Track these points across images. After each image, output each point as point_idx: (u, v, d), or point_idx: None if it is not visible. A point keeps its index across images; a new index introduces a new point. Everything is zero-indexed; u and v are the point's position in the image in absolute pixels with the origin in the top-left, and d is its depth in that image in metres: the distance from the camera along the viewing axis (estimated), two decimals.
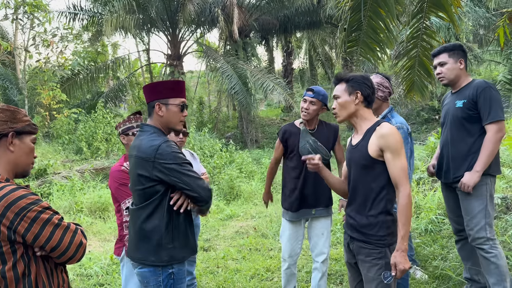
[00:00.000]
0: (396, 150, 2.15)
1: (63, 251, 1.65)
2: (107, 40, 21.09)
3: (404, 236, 2.12)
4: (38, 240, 1.60)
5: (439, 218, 4.81)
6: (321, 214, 3.36)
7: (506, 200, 4.40)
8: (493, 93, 2.90)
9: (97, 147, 11.29)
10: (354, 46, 5.24)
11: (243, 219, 7.32)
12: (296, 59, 27.96)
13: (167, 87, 2.35)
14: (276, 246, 5.40)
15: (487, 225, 2.91)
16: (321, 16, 17.42)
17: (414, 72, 5.28)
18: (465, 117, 2.97)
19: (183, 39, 17.72)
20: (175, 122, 2.36)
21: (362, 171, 2.28)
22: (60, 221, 1.67)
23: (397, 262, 2.11)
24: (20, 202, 1.56)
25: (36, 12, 10.65)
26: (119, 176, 2.90)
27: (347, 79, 2.32)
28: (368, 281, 2.24)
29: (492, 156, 2.87)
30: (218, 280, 4.32)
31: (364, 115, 2.31)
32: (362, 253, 2.28)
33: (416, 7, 4.98)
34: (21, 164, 1.72)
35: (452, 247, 4.17)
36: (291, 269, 3.50)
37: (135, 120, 3.06)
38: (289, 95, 15.75)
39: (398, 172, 2.15)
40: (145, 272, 2.28)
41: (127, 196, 2.84)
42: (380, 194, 2.23)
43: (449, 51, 3.08)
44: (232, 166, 10.69)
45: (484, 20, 14.76)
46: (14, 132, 1.68)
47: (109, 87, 18.82)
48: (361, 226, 2.28)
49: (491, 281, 2.91)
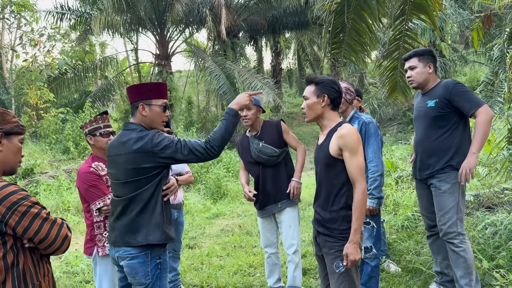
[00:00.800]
0: (353, 149, 2.30)
1: (50, 243, 1.77)
2: (95, 40, 21.08)
3: (357, 229, 2.27)
4: (28, 233, 1.71)
5: (416, 215, 4.99)
6: (286, 205, 3.60)
7: (479, 197, 4.59)
8: (464, 87, 3.07)
9: (84, 147, 11.32)
10: (338, 48, 5.34)
11: (229, 217, 7.45)
12: (285, 59, 28.14)
13: (150, 88, 2.51)
14: (260, 244, 5.53)
15: (458, 220, 3.06)
16: (309, 17, 17.59)
17: (397, 73, 5.39)
18: (437, 116, 3.13)
19: (171, 39, 17.75)
20: (158, 122, 2.52)
21: (325, 169, 2.43)
22: (48, 215, 1.78)
23: (349, 253, 2.27)
24: (12, 197, 1.68)
25: (23, 11, 10.64)
26: (88, 177, 2.91)
27: (317, 82, 2.46)
28: (332, 272, 2.39)
29: (485, 137, 3.00)
30: (202, 276, 4.44)
31: (330, 117, 2.46)
32: (326, 246, 2.42)
33: (398, 10, 5.11)
34: (9, 163, 1.83)
35: (425, 242, 4.33)
36: (272, 258, 3.74)
37: (102, 120, 3.09)
38: (277, 95, 15.88)
39: (354, 169, 2.30)
40: (134, 264, 2.41)
41: (96, 198, 2.87)
42: (341, 191, 2.38)
43: (419, 56, 3.24)
44: (220, 165, 10.80)
45: (468, 22, 15.04)
46: (3, 133, 1.78)
47: (97, 86, 18.79)
48: (325, 220, 2.42)
49: (458, 274, 3.06)
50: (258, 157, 3.55)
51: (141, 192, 2.40)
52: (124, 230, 2.47)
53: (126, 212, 2.46)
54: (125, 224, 2.46)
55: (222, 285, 4.18)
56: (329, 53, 5.51)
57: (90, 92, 17.42)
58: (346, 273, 2.33)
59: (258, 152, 3.54)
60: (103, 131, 3.04)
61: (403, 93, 5.64)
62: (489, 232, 3.81)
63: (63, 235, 1.82)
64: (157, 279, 2.45)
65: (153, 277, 2.43)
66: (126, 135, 2.45)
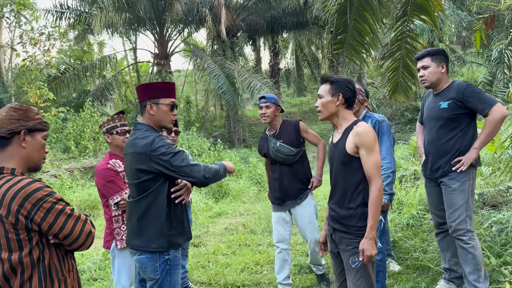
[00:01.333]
0: (370, 147, 2.33)
1: (75, 239, 1.80)
2: (93, 39, 21.02)
3: (373, 225, 2.31)
4: (53, 229, 1.74)
5: (420, 213, 5.04)
6: (305, 202, 3.73)
7: (483, 196, 4.64)
8: (475, 88, 3.12)
9: (85, 146, 11.32)
10: (340, 48, 5.37)
11: (231, 216, 7.48)
12: (283, 59, 28.18)
13: (158, 88, 2.55)
14: (265, 242, 5.57)
15: (468, 217, 3.11)
16: (308, 17, 17.64)
17: (399, 74, 5.42)
18: (450, 117, 3.17)
19: (170, 38, 17.77)
20: (166, 121, 2.56)
21: (341, 167, 2.46)
22: (72, 211, 1.81)
23: (365, 248, 2.30)
24: (37, 194, 1.70)
25: (23, 10, 10.62)
26: (106, 173, 3.05)
27: (332, 81, 2.50)
28: (349, 268, 2.42)
29: (491, 135, 3.07)
30: (210, 274, 4.47)
31: (344, 116, 2.49)
32: (343, 243, 2.46)
33: (400, 11, 5.14)
34: (33, 159, 1.85)
35: (431, 240, 4.39)
36: (283, 254, 3.80)
37: (118, 119, 3.22)
38: (276, 95, 15.93)
39: (371, 167, 2.33)
40: (143, 259, 2.46)
41: (114, 193, 3.01)
42: (358, 188, 2.41)
43: (432, 55, 3.27)
44: None
45: (466, 22, 15.14)
46: (26, 129, 1.80)
47: (95, 86, 18.75)
48: (342, 217, 2.45)
49: (467, 270, 3.11)
50: (276, 156, 3.66)
51: (142, 198, 2.43)
52: (129, 231, 2.54)
53: (131, 215, 2.52)
54: (130, 226, 2.53)
55: (230, 282, 4.21)
56: (330, 53, 5.55)
57: (88, 92, 17.40)
58: (363, 269, 2.37)
59: (275, 151, 3.65)
60: (120, 130, 3.17)
61: (404, 94, 5.67)
62: (495, 230, 3.86)
63: (87, 231, 1.84)
64: (166, 275, 2.48)
65: (162, 273, 2.46)
66: (133, 134, 2.51)
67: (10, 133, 1.77)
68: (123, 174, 3.10)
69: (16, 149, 1.80)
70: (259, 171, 10.94)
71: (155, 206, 2.43)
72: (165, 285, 2.47)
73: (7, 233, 1.68)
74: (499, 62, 13.34)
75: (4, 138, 1.77)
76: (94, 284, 4.44)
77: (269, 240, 5.62)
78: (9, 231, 1.68)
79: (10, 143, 1.78)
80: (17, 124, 1.79)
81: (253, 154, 14.19)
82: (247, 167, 11.47)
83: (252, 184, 10.14)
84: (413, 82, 5.55)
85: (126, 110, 19.58)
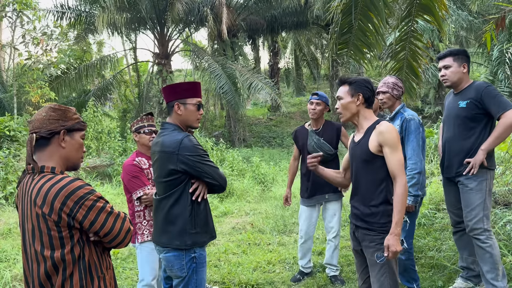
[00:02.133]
0: (393, 145, 2.37)
1: (115, 236, 1.83)
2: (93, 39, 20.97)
3: (398, 221, 2.35)
4: (94, 226, 1.76)
5: (431, 212, 5.07)
6: (333, 198, 3.99)
7: (495, 195, 4.67)
8: (494, 90, 3.15)
9: (88, 146, 11.29)
10: (344, 48, 5.40)
11: (237, 215, 7.48)
12: (282, 59, 28.21)
13: (185, 88, 2.58)
14: (275, 241, 5.58)
15: (485, 217, 3.13)
16: (308, 17, 17.67)
17: (403, 74, 5.44)
18: (468, 116, 3.20)
19: (171, 38, 17.74)
20: (193, 120, 2.59)
21: (363, 166, 2.50)
22: (112, 209, 1.83)
23: (390, 244, 2.33)
24: (79, 192, 1.72)
25: (26, 9, 10.58)
26: (131, 169, 3.20)
27: (350, 82, 2.54)
28: (372, 264, 2.46)
29: (500, 139, 3.10)
30: (223, 273, 4.48)
31: (365, 115, 2.54)
32: (366, 240, 2.49)
33: (405, 11, 5.16)
34: (72, 159, 1.88)
35: (444, 239, 4.42)
36: (307, 243, 4.12)
37: (146, 120, 3.38)
38: (277, 95, 15.94)
39: (395, 164, 2.37)
40: (170, 257, 2.49)
41: (137, 187, 3.15)
42: (381, 186, 2.45)
43: (454, 55, 3.29)
44: (224, 164, 10.82)
45: (466, 22, 15.20)
46: (65, 130, 1.83)
47: (95, 86, 18.70)
48: (365, 215, 2.49)
49: (485, 269, 3.14)
50: (314, 151, 3.80)
51: (167, 196, 2.46)
52: (155, 229, 2.58)
53: (157, 213, 2.56)
54: (156, 223, 2.56)
55: (244, 281, 4.22)
56: (335, 53, 5.56)
57: (89, 91, 17.36)
58: (387, 265, 2.39)
59: (316, 146, 3.81)
60: (147, 129, 3.32)
61: (409, 94, 5.70)
62: (509, 228, 3.89)
63: (126, 228, 1.87)
64: (193, 273, 2.50)
65: (189, 271, 2.48)
66: (161, 133, 2.54)
67: (50, 133, 1.79)
68: (147, 171, 3.24)
69: (56, 149, 1.82)
70: (262, 170, 10.95)
71: (180, 204, 2.46)
72: (192, 283, 2.49)
73: (49, 231, 1.70)
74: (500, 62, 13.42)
75: (44, 138, 1.79)
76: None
77: (278, 240, 5.63)
78: (52, 229, 1.70)
79: (50, 143, 1.81)
80: (57, 124, 1.81)
81: (254, 154, 14.19)
82: (249, 167, 11.47)
83: (255, 184, 10.14)
84: (416, 82, 5.58)
85: (126, 110, 19.54)
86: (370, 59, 5.65)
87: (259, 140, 19.47)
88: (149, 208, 3.22)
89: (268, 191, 9.79)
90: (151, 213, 3.10)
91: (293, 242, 5.45)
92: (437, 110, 17.55)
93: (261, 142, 19.12)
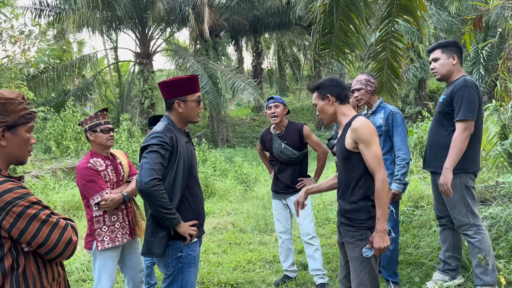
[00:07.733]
0: (367, 141, 2.35)
1: (51, 248, 1.59)
2: (72, 38, 20.63)
3: (381, 217, 2.33)
4: (24, 236, 1.54)
5: (410, 210, 5.10)
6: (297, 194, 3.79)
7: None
8: (467, 93, 3.02)
9: (66, 146, 11.09)
10: (326, 48, 5.41)
11: (219, 215, 7.43)
12: (265, 60, 28.25)
13: (184, 84, 2.49)
14: (256, 240, 5.55)
15: (469, 212, 3.12)
16: (291, 17, 17.72)
17: (383, 74, 5.46)
18: (442, 112, 3.19)
19: (152, 37, 17.58)
20: (194, 116, 2.55)
21: (343, 163, 2.51)
22: (48, 217, 1.59)
23: (374, 241, 2.34)
24: (6, 196, 1.50)
25: (3, 7, 10.34)
26: (86, 173, 2.92)
27: (316, 87, 2.58)
28: (352, 259, 2.47)
29: (459, 153, 3.01)
30: (202, 273, 4.43)
31: (343, 112, 2.54)
32: (347, 235, 2.50)
33: (385, 12, 5.20)
34: (14, 156, 1.66)
35: (422, 236, 4.45)
36: (286, 244, 4.00)
37: (102, 117, 3.08)
38: (260, 95, 15.94)
39: (372, 160, 2.35)
40: None
41: (94, 193, 2.89)
42: (359, 182, 2.44)
43: (442, 47, 3.23)
44: (207, 164, 10.76)
45: (446, 23, 15.45)
46: (5, 127, 1.59)
47: (75, 85, 18.40)
48: (345, 211, 2.51)
49: (474, 263, 3.13)
50: (279, 156, 3.81)
51: None
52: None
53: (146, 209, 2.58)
54: None
55: (224, 281, 4.18)
56: (316, 54, 5.57)
57: (68, 91, 17.08)
58: (366, 261, 2.39)
59: (279, 152, 3.79)
60: (104, 127, 3.04)
61: (389, 94, 5.74)
62: (486, 224, 3.93)
63: (66, 239, 1.62)
64: (178, 272, 2.47)
65: (174, 269, 2.46)
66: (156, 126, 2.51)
67: None
68: (104, 173, 3.01)
69: None
70: (245, 170, 10.92)
71: None
72: (177, 282, 2.48)
73: None
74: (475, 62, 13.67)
75: None
76: (83, 285, 4.35)
77: (259, 239, 5.60)
78: None
79: None
80: None
81: (237, 154, 14.16)
82: (232, 167, 11.44)
83: (238, 184, 10.10)
84: (397, 82, 5.63)
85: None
86: (352, 60, 5.66)
87: (242, 140, 19.44)
88: (109, 213, 2.98)
89: (250, 191, 9.77)
90: (112, 218, 3.00)
91: (274, 241, 5.42)
92: (417, 110, 17.79)
93: (244, 142, 19.10)
